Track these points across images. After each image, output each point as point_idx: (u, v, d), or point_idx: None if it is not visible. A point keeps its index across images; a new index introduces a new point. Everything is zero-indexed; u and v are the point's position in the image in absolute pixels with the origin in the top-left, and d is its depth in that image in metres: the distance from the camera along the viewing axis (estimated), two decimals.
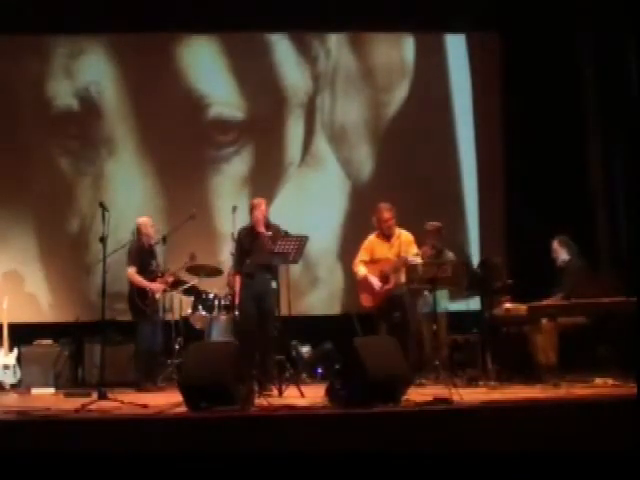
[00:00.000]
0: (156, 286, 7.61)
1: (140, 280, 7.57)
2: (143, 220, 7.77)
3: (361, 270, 7.34)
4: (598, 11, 8.54)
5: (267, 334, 6.93)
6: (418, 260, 7.05)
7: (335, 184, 9.18)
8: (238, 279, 7.08)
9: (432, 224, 7.58)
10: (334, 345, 8.28)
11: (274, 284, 6.93)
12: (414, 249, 7.22)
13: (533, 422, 4.69)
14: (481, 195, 9.24)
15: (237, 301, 7.11)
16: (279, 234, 6.87)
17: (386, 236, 7.35)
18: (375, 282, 7.21)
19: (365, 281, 7.29)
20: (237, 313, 7.11)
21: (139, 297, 7.53)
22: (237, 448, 4.42)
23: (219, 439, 4.53)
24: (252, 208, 7.09)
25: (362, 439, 4.52)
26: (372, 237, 7.45)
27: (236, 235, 7.00)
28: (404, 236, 7.35)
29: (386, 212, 7.32)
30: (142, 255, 7.67)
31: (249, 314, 6.94)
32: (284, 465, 4.30)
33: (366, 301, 7.34)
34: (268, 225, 7.12)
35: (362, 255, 7.41)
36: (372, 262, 7.34)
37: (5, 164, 8.81)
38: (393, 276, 7.20)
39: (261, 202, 7.14)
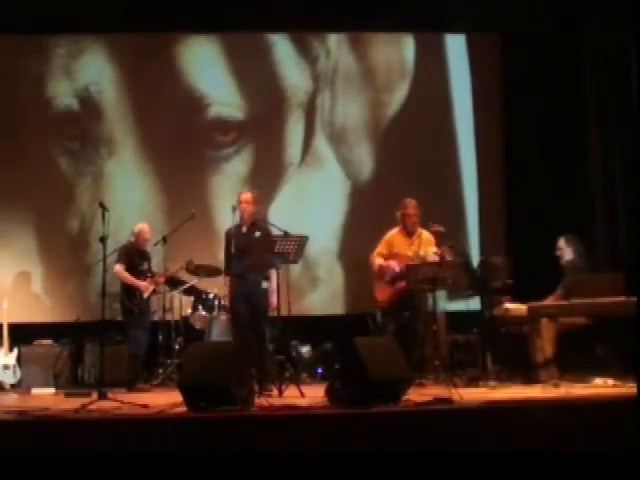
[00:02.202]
0: (144, 285, 7.59)
1: (128, 277, 7.56)
2: (140, 228, 7.73)
3: (378, 261, 7.33)
4: (598, 10, 8.54)
5: (260, 331, 6.86)
6: (437, 259, 7.04)
7: (335, 184, 9.17)
8: (227, 280, 7.05)
9: (436, 228, 7.42)
10: (334, 345, 8.28)
11: (264, 284, 6.91)
12: (433, 249, 7.21)
13: (533, 422, 4.68)
14: (481, 195, 9.24)
15: (227, 302, 7.10)
16: (269, 235, 6.81)
17: (408, 232, 7.37)
18: (393, 264, 7.19)
19: (382, 272, 7.27)
20: (229, 314, 7.09)
21: (127, 295, 7.52)
22: (237, 448, 4.42)
23: (219, 439, 4.52)
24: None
25: (362, 439, 4.52)
26: (395, 231, 7.45)
27: (224, 236, 6.95)
28: (425, 235, 7.35)
29: (412, 208, 7.35)
30: (132, 256, 7.65)
31: (240, 313, 6.88)
32: (284, 465, 4.30)
33: (381, 296, 7.32)
34: (255, 223, 7.06)
35: (381, 248, 7.41)
36: (390, 256, 7.33)
37: (5, 164, 8.80)
38: None
39: (239, 195, 7.06)
